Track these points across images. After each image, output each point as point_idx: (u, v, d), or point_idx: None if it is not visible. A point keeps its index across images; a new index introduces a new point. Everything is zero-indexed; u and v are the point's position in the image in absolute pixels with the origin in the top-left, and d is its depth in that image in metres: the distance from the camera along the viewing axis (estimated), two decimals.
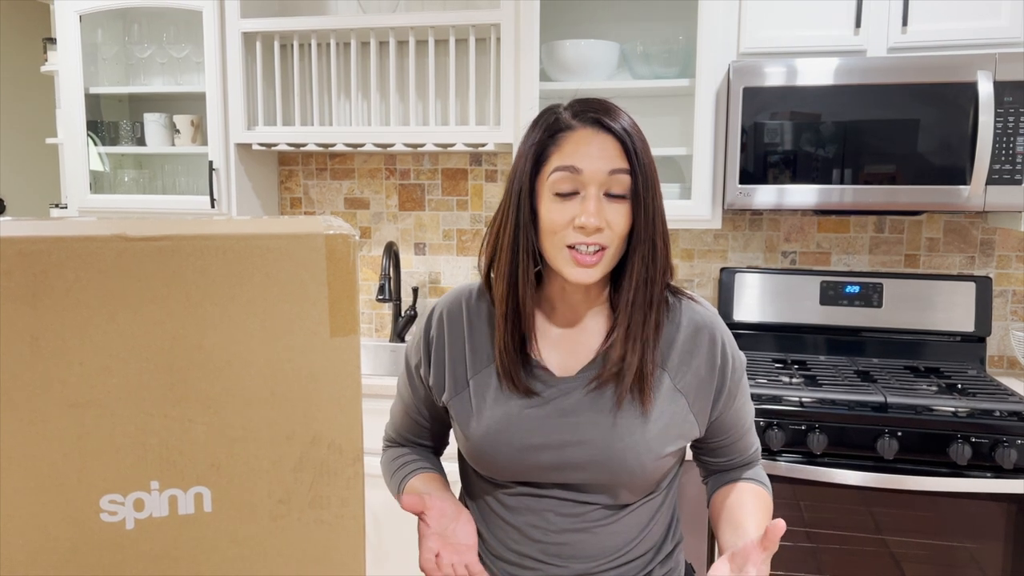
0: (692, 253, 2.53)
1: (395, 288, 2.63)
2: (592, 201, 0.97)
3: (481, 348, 1.09)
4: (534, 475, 1.05)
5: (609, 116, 0.99)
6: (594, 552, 1.05)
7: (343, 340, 0.61)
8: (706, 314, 1.08)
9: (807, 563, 1.94)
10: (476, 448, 1.06)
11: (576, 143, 0.99)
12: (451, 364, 1.10)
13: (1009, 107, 1.92)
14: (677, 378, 1.05)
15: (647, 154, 1.00)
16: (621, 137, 0.98)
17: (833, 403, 1.91)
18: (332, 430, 0.62)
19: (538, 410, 1.05)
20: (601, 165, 0.98)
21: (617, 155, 0.98)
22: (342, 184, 2.76)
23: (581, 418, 1.03)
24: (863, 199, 2.03)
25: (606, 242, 0.99)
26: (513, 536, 1.07)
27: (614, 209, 0.99)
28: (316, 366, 0.61)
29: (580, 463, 1.02)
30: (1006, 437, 1.80)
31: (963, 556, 1.87)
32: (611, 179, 0.98)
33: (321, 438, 0.61)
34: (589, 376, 1.05)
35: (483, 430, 1.05)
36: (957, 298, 2.28)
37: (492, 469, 1.07)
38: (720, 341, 1.07)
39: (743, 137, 2.06)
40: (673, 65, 2.31)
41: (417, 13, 2.40)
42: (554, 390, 1.05)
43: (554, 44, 2.29)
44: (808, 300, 2.36)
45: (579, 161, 0.98)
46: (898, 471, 1.85)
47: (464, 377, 1.09)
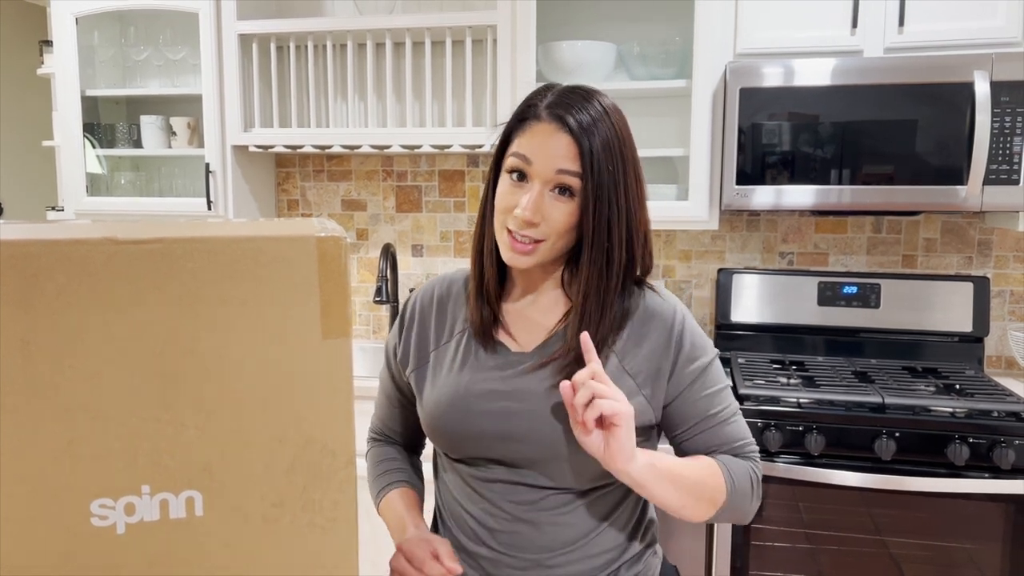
0: (690, 254, 2.53)
1: (392, 290, 2.63)
2: (533, 195, 1.00)
3: (445, 324, 1.14)
4: (481, 448, 1.06)
5: (576, 112, 1.00)
6: (546, 543, 1.05)
7: (335, 342, 0.61)
8: (664, 303, 1.09)
9: (806, 564, 1.93)
10: (429, 415, 1.10)
11: (534, 135, 1.01)
12: (417, 340, 1.15)
13: (1006, 107, 1.92)
14: (625, 360, 1.06)
15: (610, 157, 1.00)
16: (579, 138, 0.99)
17: (831, 404, 1.91)
18: (325, 433, 0.62)
19: (489, 379, 1.07)
20: (550, 164, 1.00)
21: (570, 156, 1.00)
22: (339, 186, 2.75)
23: (526, 391, 1.05)
24: (860, 199, 2.03)
25: (540, 236, 1.01)
26: (471, 524, 1.09)
27: (557, 206, 1.01)
28: (308, 369, 0.60)
29: (519, 435, 1.03)
30: (1004, 438, 1.80)
31: (962, 557, 1.86)
32: (557, 177, 1.00)
33: (313, 441, 0.61)
34: (541, 353, 1.07)
35: (436, 397, 1.09)
36: (955, 298, 2.27)
37: (443, 439, 1.09)
38: (676, 326, 1.07)
39: (740, 138, 2.06)
40: (670, 66, 2.31)
41: (414, 15, 2.39)
42: (506, 363, 1.08)
43: (550, 45, 2.29)
44: (806, 301, 2.36)
45: (531, 153, 1.01)
46: (896, 472, 1.85)
47: (427, 351, 1.14)
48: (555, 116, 1.01)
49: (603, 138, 1.00)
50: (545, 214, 1.00)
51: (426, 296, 1.18)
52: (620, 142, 1.02)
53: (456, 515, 1.12)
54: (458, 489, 1.11)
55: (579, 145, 0.99)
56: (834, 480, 1.87)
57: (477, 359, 1.09)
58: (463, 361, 1.10)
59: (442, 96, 2.56)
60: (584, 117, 1.00)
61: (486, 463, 1.07)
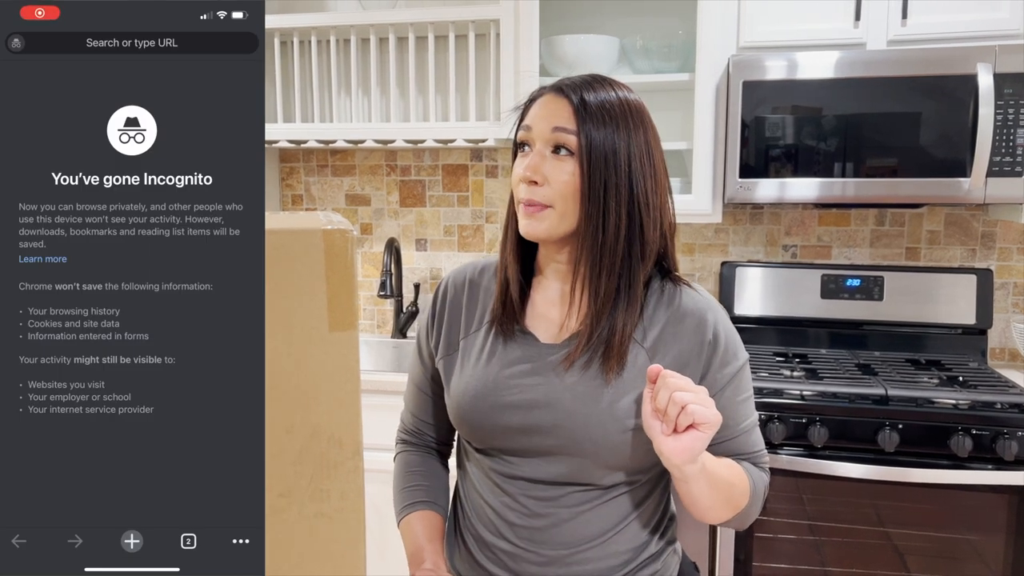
0: (693, 247, 2.53)
1: (396, 284, 2.64)
2: (533, 156, 1.02)
3: (475, 313, 1.13)
4: (507, 439, 1.05)
5: (574, 84, 1.03)
6: (567, 539, 1.04)
7: (342, 334, 0.61)
8: (700, 301, 1.07)
9: (810, 556, 1.94)
10: (456, 405, 1.09)
11: (538, 106, 1.05)
12: (447, 328, 1.15)
13: (1009, 99, 1.92)
14: (655, 358, 1.03)
15: (608, 117, 1.00)
16: (572, 100, 1.01)
17: (834, 396, 1.92)
18: (332, 423, 0.62)
19: (515, 371, 1.06)
20: (547, 124, 1.01)
21: (566, 116, 1.01)
22: (343, 181, 2.76)
23: (553, 382, 1.04)
24: (864, 192, 2.03)
25: (547, 200, 1.01)
26: (491, 517, 1.08)
27: (557, 165, 1.01)
28: (315, 360, 0.61)
29: (546, 427, 1.02)
30: (1007, 429, 1.80)
31: (965, 548, 1.87)
32: (554, 136, 1.01)
33: (321, 431, 0.62)
34: (571, 343, 1.06)
35: (463, 387, 1.09)
36: (958, 291, 2.28)
37: (468, 429, 1.09)
38: (711, 327, 1.05)
39: (743, 131, 2.07)
40: (673, 59, 2.31)
41: (417, 9, 2.40)
42: (534, 353, 1.07)
43: (553, 39, 2.29)
44: (809, 294, 2.36)
45: (531, 119, 1.04)
46: (899, 463, 1.86)
47: (456, 339, 1.14)
48: (556, 88, 1.05)
49: (601, 99, 1.01)
50: (546, 174, 1.01)
51: (458, 280, 1.17)
52: (624, 107, 1.02)
53: (477, 506, 1.11)
54: (480, 480, 1.11)
55: (572, 103, 1.01)
56: (837, 472, 1.88)
57: (505, 349, 1.08)
58: (491, 351, 1.09)
59: (445, 91, 2.57)
60: (582, 83, 1.03)
61: (509, 456, 1.06)
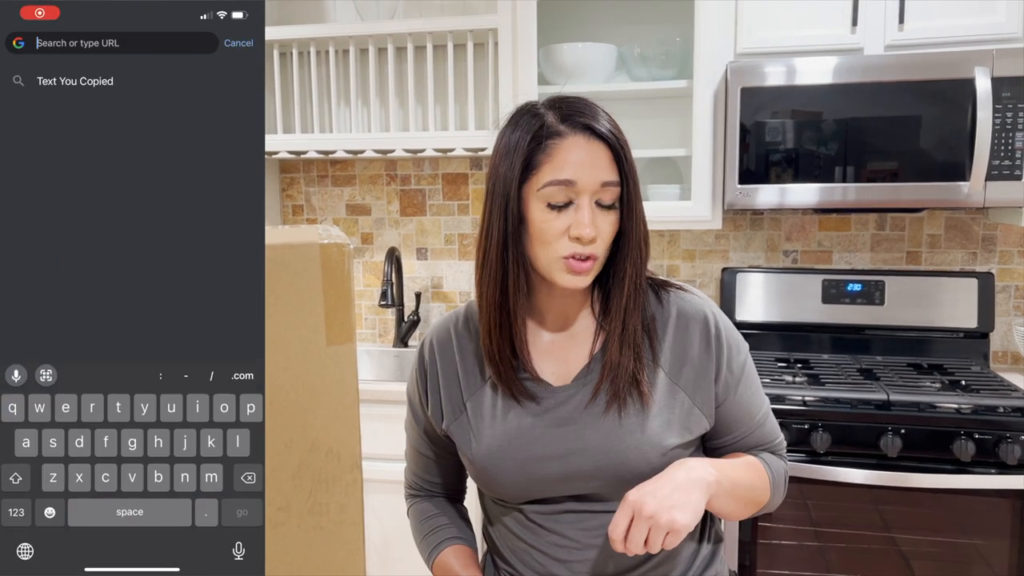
0: (693, 254, 2.54)
1: (397, 294, 2.64)
2: (586, 212, 0.96)
3: (473, 369, 1.08)
4: (543, 489, 1.03)
5: (597, 120, 0.98)
6: (622, 563, 1.03)
7: (340, 348, 0.62)
8: (696, 302, 1.07)
9: (815, 562, 1.94)
10: (481, 469, 1.05)
11: (567, 152, 0.96)
12: (446, 390, 1.10)
13: (1007, 103, 1.92)
14: (673, 373, 1.04)
15: (631, 158, 0.99)
16: (611, 144, 0.97)
17: (836, 401, 1.91)
18: (330, 437, 0.62)
19: (537, 421, 1.03)
20: (594, 176, 0.96)
21: (608, 165, 0.97)
22: (343, 191, 2.77)
23: (581, 425, 1.02)
24: (864, 197, 2.03)
25: (596, 252, 0.98)
26: (539, 559, 1.05)
27: (604, 219, 0.98)
28: (313, 374, 0.61)
29: (587, 471, 1.01)
30: (1010, 433, 1.80)
31: (970, 552, 1.86)
32: (603, 190, 0.97)
33: (319, 445, 0.62)
34: (585, 382, 1.04)
35: (484, 449, 1.04)
36: (959, 294, 2.27)
37: (500, 489, 1.05)
38: (712, 325, 1.05)
39: (742, 137, 2.07)
40: (671, 67, 2.31)
41: (415, 19, 2.41)
42: (551, 400, 1.04)
43: (551, 48, 2.30)
44: (810, 299, 2.36)
45: (572, 173, 0.96)
46: (902, 469, 1.85)
47: (460, 400, 1.08)
48: (581, 126, 0.97)
49: (623, 137, 1.00)
50: (598, 228, 0.98)
51: (442, 336, 1.12)
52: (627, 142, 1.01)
53: (519, 552, 1.08)
54: (519, 528, 1.07)
55: (613, 151, 0.97)
56: (841, 477, 1.87)
57: (520, 401, 1.04)
58: (505, 406, 1.05)
59: (444, 100, 2.57)
60: (605, 121, 0.99)
61: (551, 501, 1.04)
